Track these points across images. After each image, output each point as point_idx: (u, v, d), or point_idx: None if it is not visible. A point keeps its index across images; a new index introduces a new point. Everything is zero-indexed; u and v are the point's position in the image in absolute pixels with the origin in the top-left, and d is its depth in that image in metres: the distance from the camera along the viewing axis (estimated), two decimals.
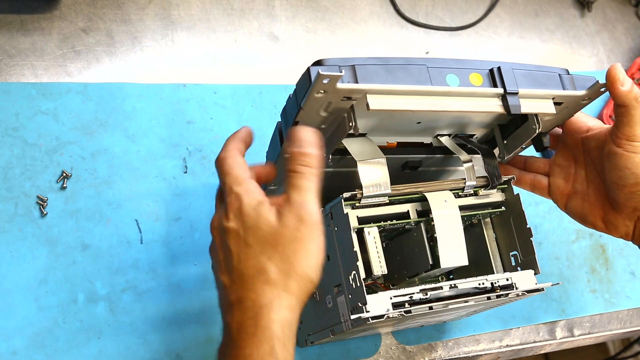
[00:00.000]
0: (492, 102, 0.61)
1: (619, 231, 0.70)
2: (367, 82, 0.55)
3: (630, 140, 0.65)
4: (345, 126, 0.58)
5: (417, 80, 0.58)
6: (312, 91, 0.54)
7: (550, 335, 0.90)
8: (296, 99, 0.57)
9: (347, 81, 0.55)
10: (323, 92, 0.54)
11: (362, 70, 0.56)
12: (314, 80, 0.52)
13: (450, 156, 0.72)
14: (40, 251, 0.71)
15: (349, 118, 0.57)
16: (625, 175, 0.66)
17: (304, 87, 0.55)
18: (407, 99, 0.57)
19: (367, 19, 0.98)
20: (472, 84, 0.60)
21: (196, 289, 0.75)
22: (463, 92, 0.59)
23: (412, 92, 0.57)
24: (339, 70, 0.55)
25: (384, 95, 0.56)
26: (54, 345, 0.69)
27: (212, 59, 0.86)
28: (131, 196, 0.76)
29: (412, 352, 0.81)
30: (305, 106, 0.56)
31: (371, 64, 0.56)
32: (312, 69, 0.55)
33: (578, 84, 0.64)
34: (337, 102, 0.56)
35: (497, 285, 0.67)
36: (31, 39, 0.78)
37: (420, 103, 0.58)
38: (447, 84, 0.59)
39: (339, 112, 0.58)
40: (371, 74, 0.56)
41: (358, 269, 0.61)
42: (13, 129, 0.74)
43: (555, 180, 0.73)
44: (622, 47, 1.15)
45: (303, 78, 0.56)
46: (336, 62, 0.55)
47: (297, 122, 0.59)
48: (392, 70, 0.57)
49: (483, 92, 0.60)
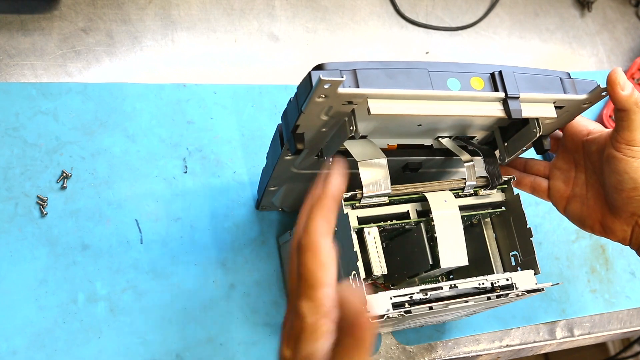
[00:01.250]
0: (493, 107, 0.61)
1: (616, 235, 0.70)
2: (368, 87, 0.55)
3: (629, 145, 0.65)
4: (346, 130, 0.58)
5: (418, 85, 0.58)
6: (313, 96, 0.54)
7: (550, 335, 0.90)
8: (297, 103, 0.57)
9: (349, 86, 0.55)
10: (324, 96, 0.54)
11: (363, 75, 0.56)
12: (315, 85, 0.52)
13: (451, 158, 0.72)
14: (40, 251, 0.71)
15: (350, 122, 0.57)
16: (623, 180, 0.66)
17: (305, 91, 0.55)
18: (408, 103, 0.57)
19: (367, 19, 0.98)
20: (473, 88, 0.60)
21: (196, 289, 0.75)
22: (464, 97, 0.59)
23: (413, 96, 0.57)
24: (340, 74, 0.55)
25: (385, 99, 0.56)
26: (54, 345, 0.69)
27: (212, 59, 0.86)
28: (131, 196, 0.76)
29: (412, 352, 0.81)
30: (306, 110, 0.56)
31: (372, 69, 0.56)
32: (314, 73, 0.54)
33: (579, 88, 0.64)
34: (338, 106, 0.56)
35: (497, 286, 0.67)
36: (31, 39, 0.78)
37: (422, 107, 0.58)
38: (448, 88, 0.59)
39: (339, 116, 0.58)
40: (372, 79, 0.56)
41: (358, 269, 0.61)
42: (13, 129, 0.74)
43: (555, 183, 0.73)
44: (622, 47, 1.15)
45: (304, 82, 0.56)
46: (337, 67, 0.55)
47: (298, 125, 0.59)
48: (393, 74, 0.57)
49: (484, 96, 0.60)
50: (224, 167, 0.81)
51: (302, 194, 0.74)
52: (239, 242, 0.79)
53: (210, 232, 0.78)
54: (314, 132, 0.61)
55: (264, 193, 0.74)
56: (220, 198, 0.79)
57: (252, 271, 0.78)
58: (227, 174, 0.81)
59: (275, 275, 0.79)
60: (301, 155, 0.65)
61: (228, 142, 0.82)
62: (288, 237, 0.76)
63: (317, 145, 0.64)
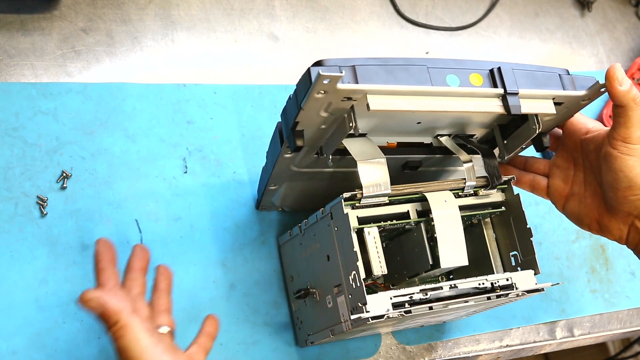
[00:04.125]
0: (493, 103, 0.61)
1: (612, 234, 0.70)
2: (367, 83, 0.56)
3: (625, 142, 0.64)
4: (345, 126, 0.58)
5: (418, 81, 0.58)
6: (312, 92, 0.54)
7: (550, 335, 0.90)
8: (296, 100, 0.57)
9: (348, 81, 0.55)
10: (323, 92, 0.54)
11: (363, 71, 0.56)
12: (315, 80, 0.53)
13: (450, 156, 0.72)
14: (40, 251, 0.71)
15: (349, 118, 0.57)
16: (619, 178, 0.65)
17: (304, 87, 0.55)
18: (407, 99, 0.57)
19: (367, 19, 0.98)
20: (472, 84, 0.60)
21: (196, 289, 0.75)
22: (463, 93, 0.59)
23: (412, 92, 0.57)
24: (339, 70, 0.55)
25: (384, 95, 0.56)
26: (54, 345, 0.69)
27: (212, 59, 0.86)
28: (131, 196, 0.76)
29: (412, 352, 0.81)
30: (306, 107, 0.56)
31: (371, 65, 0.56)
32: (313, 69, 0.55)
33: (578, 84, 0.64)
34: (337, 102, 0.56)
35: (497, 286, 0.67)
36: (31, 39, 0.78)
37: (421, 103, 0.58)
38: (448, 84, 0.59)
39: (339, 112, 0.58)
40: (371, 75, 0.56)
41: (358, 269, 0.61)
42: (13, 129, 0.74)
43: (554, 182, 0.73)
44: (622, 47, 1.15)
45: (303, 78, 0.56)
46: (336, 63, 0.55)
47: (297, 122, 0.59)
48: (392, 70, 0.57)
49: (483, 92, 0.60)
50: (224, 167, 0.81)
51: (302, 193, 0.74)
52: (239, 242, 0.79)
53: (210, 232, 0.78)
54: (313, 130, 0.61)
55: (263, 192, 0.74)
56: (220, 198, 0.79)
57: (252, 271, 0.78)
58: (227, 174, 0.81)
59: (275, 275, 0.79)
60: (301, 153, 0.65)
61: (228, 142, 0.82)
62: (288, 237, 0.76)
63: (317, 143, 0.64)
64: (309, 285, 0.71)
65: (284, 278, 0.79)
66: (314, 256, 0.70)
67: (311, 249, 0.70)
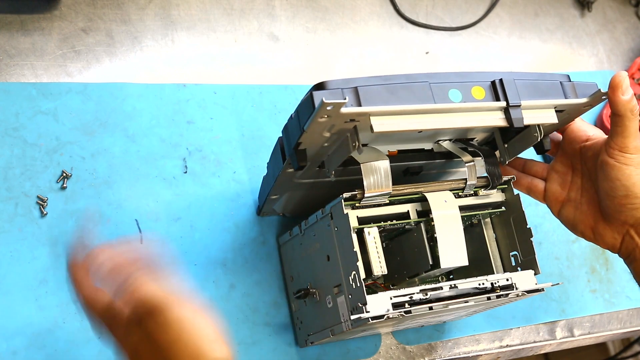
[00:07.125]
0: (495, 116, 0.61)
1: (606, 242, 0.70)
2: (370, 105, 0.55)
3: (622, 152, 0.65)
4: (348, 146, 0.58)
5: (420, 99, 0.57)
6: (315, 117, 0.54)
7: (550, 335, 0.90)
8: (299, 122, 0.57)
9: (351, 105, 0.55)
10: (327, 117, 0.54)
11: (365, 92, 0.56)
12: (318, 107, 0.52)
13: (451, 159, 0.72)
14: (40, 251, 0.71)
15: (353, 139, 0.58)
16: (615, 187, 0.65)
17: (306, 111, 0.55)
18: (411, 118, 0.57)
19: (367, 19, 0.98)
20: (474, 97, 0.60)
21: (196, 288, 0.75)
22: (466, 108, 0.59)
23: (415, 111, 0.57)
24: (341, 93, 0.55)
25: (387, 116, 0.56)
26: (54, 346, 0.69)
27: (212, 59, 0.86)
28: (131, 196, 0.76)
29: (412, 352, 0.81)
30: (309, 130, 0.56)
31: (373, 85, 0.56)
32: (316, 95, 0.54)
33: (579, 92, 0.64)
34: (340, 124, 0.56)
35: (497, 286, 0.67)
36: (31, 39, 0.78)
37: (424, 122, 0.58)
38: (450, 99, 0.59)
39: (342, 132, 0.58)
40: (374, 95, 0.56)
41: (358, 269, 0.62)
42: (13, 129, 0.74)
43: (551, 186, 0.73)
44: (622, 47, 1.15)
45: (306, 103, 0.56)
46: (338, 85, 0.55)
47: (300, 143, 0.59)
48: (394, 90, 0.57)
49: (486, 106, 0.60)
50: (224, 167, 0.81)
51: (303, 200, 0.74)
52: (239, 242, 0.79)
53: (210, 232, 0.78)
54: (316, 148, 0.61)
55: (265, 201, 0.74)
56: (220, 198, 0.79)
57: (252, 271, 0.78)
58: (227, 174, 0.81)
59: (275, 275, 0.79)
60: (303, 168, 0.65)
61: (228, 142, 0.82)
62: (288, 237, 0.76)
63: (319, 158, 0.64)
64: (309, 285, 0.71)
65: (284, 278, 0.79)
66: (314, 256, 0.70)
67: (311, 249, 0.70)
